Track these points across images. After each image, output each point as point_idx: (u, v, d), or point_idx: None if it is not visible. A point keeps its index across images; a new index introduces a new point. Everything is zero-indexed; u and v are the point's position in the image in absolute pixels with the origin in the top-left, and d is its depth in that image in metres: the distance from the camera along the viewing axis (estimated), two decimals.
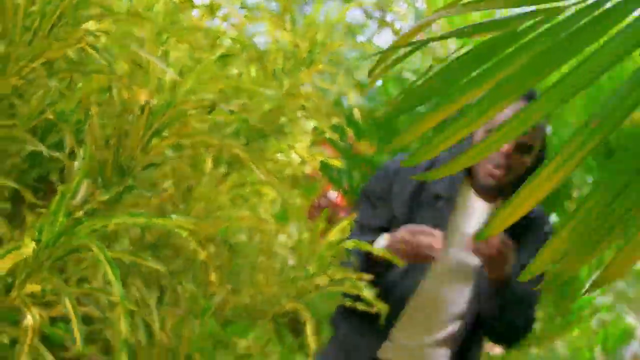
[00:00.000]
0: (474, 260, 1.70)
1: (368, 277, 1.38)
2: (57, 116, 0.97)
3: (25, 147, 0.96)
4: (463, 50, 0.57)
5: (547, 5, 0.54)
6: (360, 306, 1.41)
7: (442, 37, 0.66)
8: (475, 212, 1.77)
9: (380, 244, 1.62)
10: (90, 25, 0.97)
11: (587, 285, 2.86)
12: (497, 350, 3.99)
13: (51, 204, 0.89)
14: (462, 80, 0.56)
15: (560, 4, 0.54)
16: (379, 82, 3.28)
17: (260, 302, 1.34)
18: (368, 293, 1.35)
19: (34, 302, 0.87)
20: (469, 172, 1.75)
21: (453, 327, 1.74)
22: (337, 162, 1.91)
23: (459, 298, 1.75)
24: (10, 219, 0.96)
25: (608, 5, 0.53)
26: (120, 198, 0.97)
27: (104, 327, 0.99)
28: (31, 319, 0.85)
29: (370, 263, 1.54)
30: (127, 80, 1.02)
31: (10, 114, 0.96)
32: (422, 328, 1.75)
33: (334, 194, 3.64)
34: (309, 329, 1.25)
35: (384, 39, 5.25)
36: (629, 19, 0.52)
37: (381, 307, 1.41)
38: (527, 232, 1.71)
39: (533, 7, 0.55)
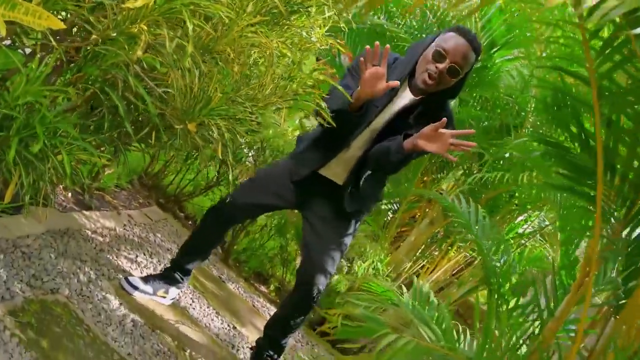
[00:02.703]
0: (379, 127, 2.56)
1: (326, 97, 2.25)
2: None
3: None
4: None
5: None
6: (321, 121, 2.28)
7: None
8: (403, 99, 2.58)
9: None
10: None
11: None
12: None
13: None
14: None
15: None
16: None
17: (260, 95, 2.21)
18: (326, 112, 2.22)
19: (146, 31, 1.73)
20: (411, 75, 2.56)
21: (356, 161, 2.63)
22: (345, 49, 2.77)
23: (364, 147, 2.60)
24: None
25: None
26: None
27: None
28: (144, 36, 1.71)
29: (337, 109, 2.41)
30: None
31: None
32: (342, 161, 2.66)
33: None
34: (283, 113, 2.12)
35: None
36: None
37: (333, 124, 2.28)
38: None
39: None
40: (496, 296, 2.25)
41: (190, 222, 4.49)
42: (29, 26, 1.50)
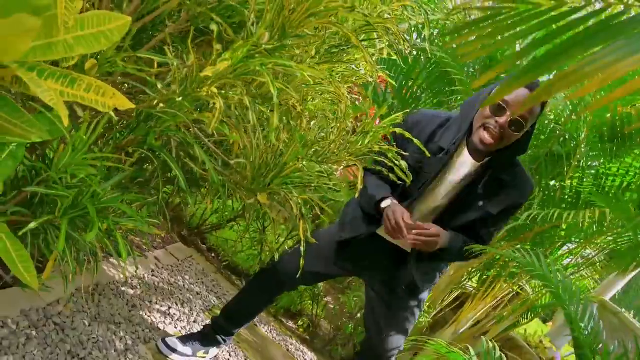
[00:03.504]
0: (439, 201, 2.27)
1: (405, 154, 1.98)
2: None
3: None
4: None
5: None
6: (392, 176, 2.01)
7: None
8: (463, 166, 2.23)
9: (385, 203, 2.22)
10: None
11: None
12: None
13: (238, 43, 1.49)
14: None
15: None
16: None
17: (327, 152, 1.94)
18: (403, 164, 1.94)
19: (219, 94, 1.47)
20: (469, 135, 2.21)
21: None
22: (392, 81, 2.49)
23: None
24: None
25: None
26: (277, 50, 1.56)
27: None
28: (218, 103, 1.45)
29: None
30: None
31: None
32: None
33: None
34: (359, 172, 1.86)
35: None
36: None
37: (407, 181, 2.00)
38: (510, 191, 2.21)
39: None
40: None
41: (213, 255, 4.23)
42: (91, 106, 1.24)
